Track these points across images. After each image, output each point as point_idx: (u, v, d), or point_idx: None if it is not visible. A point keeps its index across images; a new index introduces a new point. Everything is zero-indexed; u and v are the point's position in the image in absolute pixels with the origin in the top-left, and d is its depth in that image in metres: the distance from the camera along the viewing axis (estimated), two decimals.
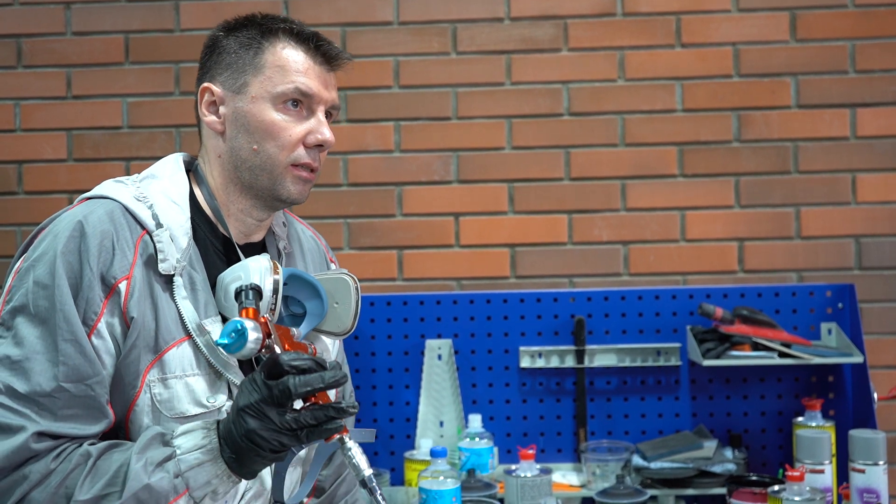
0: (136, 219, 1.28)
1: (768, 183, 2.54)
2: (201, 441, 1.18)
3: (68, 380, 1.18)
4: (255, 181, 1.36)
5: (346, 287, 1.39)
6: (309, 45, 1.37)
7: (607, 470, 2.27)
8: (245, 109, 1.35)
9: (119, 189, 1.31)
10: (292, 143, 1.35)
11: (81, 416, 1.20)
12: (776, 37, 2.54)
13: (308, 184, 1.38)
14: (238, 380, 1.29)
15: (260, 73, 1.35)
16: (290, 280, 1.35)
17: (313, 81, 1.36)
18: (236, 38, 1.38)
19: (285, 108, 1.35)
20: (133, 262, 1.25)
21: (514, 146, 2.58)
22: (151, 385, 1.24)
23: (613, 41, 2.56)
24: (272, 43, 1.36)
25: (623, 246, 2.56)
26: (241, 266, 1.30)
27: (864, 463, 2.02)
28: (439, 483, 1.98)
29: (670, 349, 2.44)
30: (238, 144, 1.36)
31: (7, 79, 2.61)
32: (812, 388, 2.43)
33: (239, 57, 1.37)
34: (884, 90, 2.53)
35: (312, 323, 1.36)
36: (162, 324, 1.25)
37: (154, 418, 1.24)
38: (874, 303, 2.52)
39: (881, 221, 2.52)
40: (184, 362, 1.26)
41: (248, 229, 1.41)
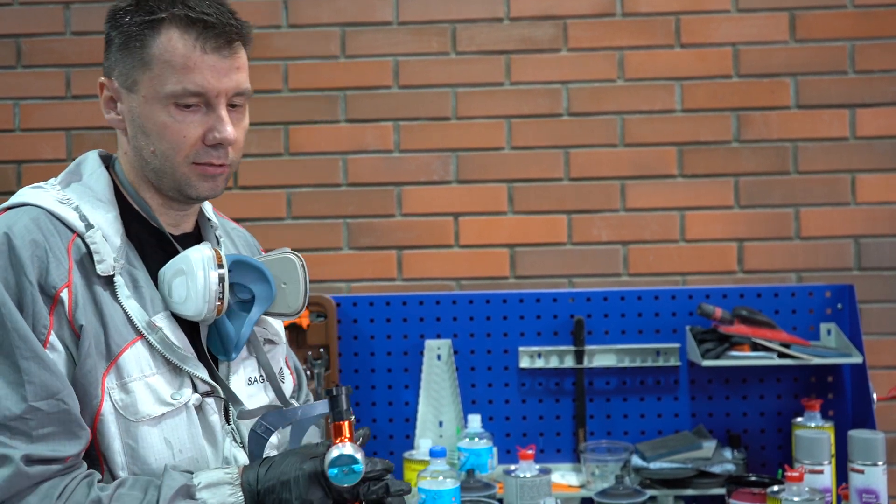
0: (64, 222, 1.22)
1: (768, 183, 2.54)
2: (228, 498, 1.16)
3: (38, 398, 1.13)
4: (160, 182, 1.29)
5: (291, 266, 1.34)
6: (200, 30, 1.23)
7: (606, 470, 2.27)
8: (138, 110, 1.26)
9: (40, 194, 1.25)
10: (189, 145, 1.25)
11: (59, 433, 1.14)
12: (775, 37, 2.54)
13: (218, 178, 1.29)
14: (198, 372, 1.25)
15: (148, 69, 1.24)
16: (234, 266, 1.31)
17: (205, 76, 1.23)
18: (123, 27, 1.26)
19: (178, 109, 1.24)
20: (70, 268, 1.19)
21: (513, 146, 2.57)
22: (111, 392, 1.19)
23: (613, 41, 2.56)
24: (158, 33, 1.23)
25: (622, 246, 2.56)
26: (183, 258, 1.25)
27: (863, 463, 2.01)
28: (438, 483, 1.98)
29: (669, 349, 2.44)
30: (139, 144, 1.28)
31: (6, 78, 2.60)
32: (811, 388, 2.43)
33: (127, 50, 1.25)
34: (883, 90, 2.52)
35: (262, 307, 1.33)
36: (111, 328, 1.20)
37: (120, 425, 1.19)
38: (873, 303, 2.52)
39: (881, 222, 2.52)
40: (141, 363, 1.21)
41: (175, 221, 1.35)
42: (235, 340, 1.30)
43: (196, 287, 1.23)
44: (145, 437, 1.20)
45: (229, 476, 1.18)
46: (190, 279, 1.23)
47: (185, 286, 1.23)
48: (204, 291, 1.23)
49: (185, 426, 1.24)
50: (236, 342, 1.30)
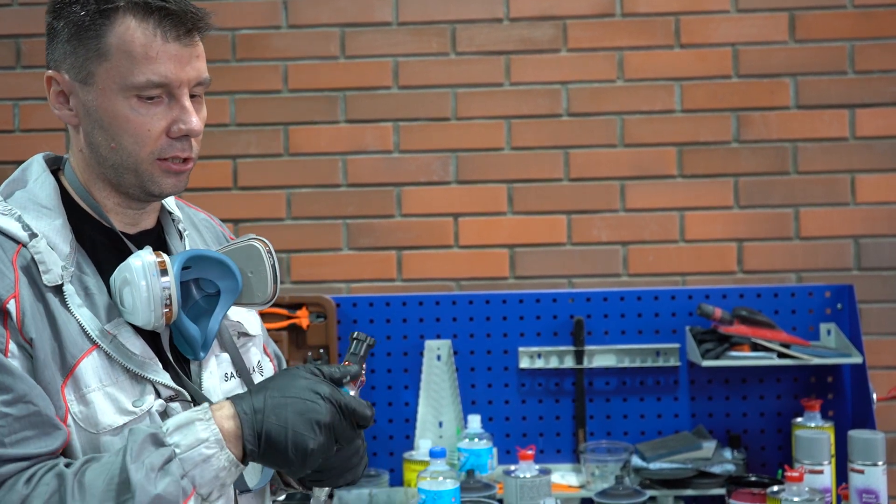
0: (6, 234, 1.17)
1: (767, 183, 2.54)
2: (202, 434, 1.10)
3: (7, 404, 1.09)
4: (120, 179, 1.23)
5: (256, 254, 1.27)
6: (160, 17, 1.17)
7: (606, 470, 2.27)
8: (95, 104, 1.19)
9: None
10: (153, 138, 1.19)
11: (32, 437, 1.10)
12: (775, 37, 2.54)
13: (182, 174, 1.24)
14: (160, 377, 1.20)
15: (105, 60, 1.17)
16: (193, 262, 1.24)
17: (168, 65, 1.17)
18: (72, 17, 1.18)
19: (140, 101, 1.18)
20: (16, 280, 1.13)
21: (513, 147, 2.57)
22: (70, 404, 1.14)
23: (612, 42, 2.56)
24: (113, 22, 1.17)
25: (622, 246, 2.56)
26: (125, 266, 1.18)
27: (863, 463, 2.02)
28: (438, 484, 1.98)
29: (669, 350, 2.44)
30: (95, 141, 1.21)
31: (6, 79, 2.60)
32: (811, 388, 2.43)
33: (79, 41, 1.18)
34: (883, 91, 2.52)
35: (229, 300, 1.26)
36: (65, 338, 1.15)
37: (83, 437, 1.15)
38: (873, 303, 2.52)
39: (880, 222, 2.52)
40: (99, 372, 1.16)
41: (133, 219, 1.29)
42: (202, 340, 1.25)
43: (140, 297, 1.16)
44: (108, 448, 1.15)
45: (199, 412, 1.12)
46: (134, 289, 1.17)
47: (131, 295, 1.17)
48: (148, 301, 1.16)
49: None
50: (203, 341, 1.25)
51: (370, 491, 2.16)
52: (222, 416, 1.12)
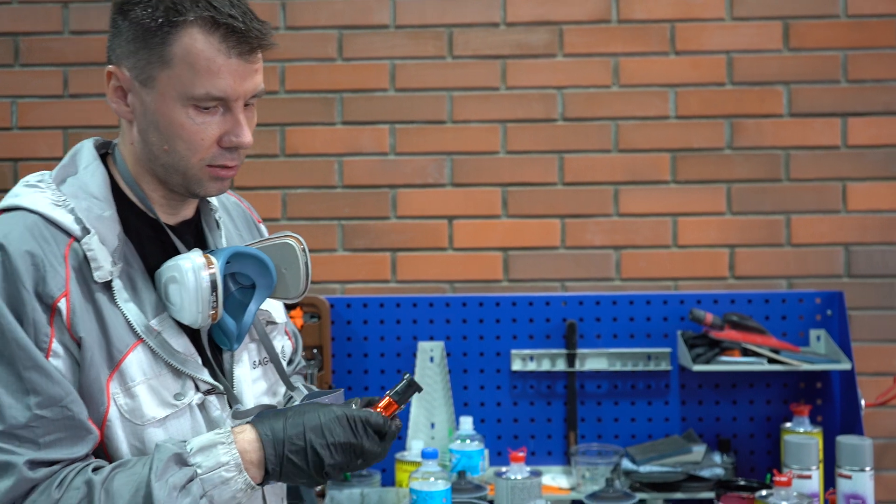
0: (60, 227, 1.18)
1: (760, 190, 2.54)
2: (223, 458, 1.14)
3: (42, 407, 1.11)
4: (168, 178, 1.25)
5: (291, 251, 1.32)
6: (225, 33, 1.18)
7: (597, 473, 2.27)
8: (153, 107, 1.20)
9: (36, 196, 1.20)
10: (205, 146, 1.22)
11: (65, 439, 1.13)
12: (769, 45, 2.53)
13: (227, 180, 1.27)
14: (199, 374, 1.24)
15: (167, 67, 1.18)
16: (233, 258, 1.29)
17: (228, 80, 1.19)
18: (138, 19, 1.19)
19: (197, 111, 1.20)
20: (67, 277, 1.15)
21: (508, 150, 2.56)
22: (116, 397, 1.17)
23: (608, 48, 2.55)
24: (180, 32, 1.17)
25: (615, 251, 2.55)
26: (174, 265, 1.21)
27: (850, 469, 2.02)
28: (430, 484, 1.97)
29: (661, 354, 2.43)
30: (149, 140, 1.22)
31: (4, 77, 2.58)
32: (800, 394, 2.43)
33: (145, 43, 1.19)
34: (875, 100, 2.52)
35: (263, 294, 1.31)
36: (112, 333, 1.18)
37: (127, 428, 1.18)
38: (863, 310, 2.51)
39: (871, 230, 2.52)
40: (143, 367, 1.19)
41: (175, 210, 1.31)
42: (237, 332, 1.29)
43: (189, 297, 1.20)
44: (152, 438, 1.19)
45: (221, 436, 1.16)
46: (183, 289, 1.20)
47: (179, 295, 1.20)
48: (196, 302, 1.20)
49: (189, 425, 1.23)
50: (238, 334, 1.29)
51: (362, 491, 2.16)
52: (244, 439, 1.17)
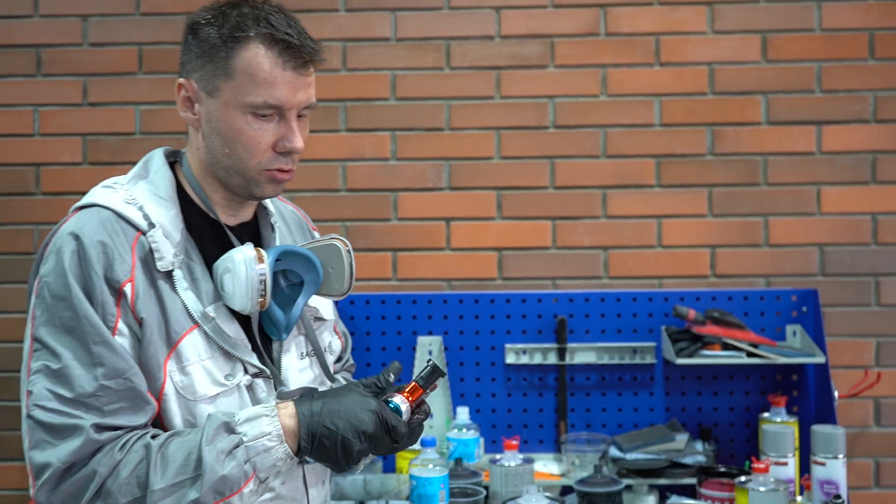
0: (129, 222, 1.27)
1: (739, 194, 2.55)
2: (266, 429, 1.21)
3: (107, 378, 1.19)
4: (228, 180, 1.33)
5: (337, 252, 1.38)
6: (282, 48, 1.28)
7: (586, 460, 2.27)
8: (217, 114, 1.30)
9: (109, 195, 1.30)
10: (262, 150, 1.30)
11: (127, 408, 1.21)
12: (748, 57, 2.55)
13: (282, 183, 1.34)
14: (248, 358, 1.31)
15: (231, 78, 1.28)
16: (283, 256, 1.35)
17: (283, 91, 1.28)
18: (212, 33, 1.29)
19: (255, 118, 1.29)
20: (132, 265, 1.24)
21: (502, 156, 2.58)
22: (172, 374, 1.25)
23: (597, 59, 2.56)
24: (243, 47, 1.27)
25: (603, 251, 2.57)
26: (229, 257, 1.29)
27: (824, 456, 2.03)
28: (429, 471, 1.99)
29: (646, 348, 2.44)
30: (213, 144, 1.32)
31: (27, 86, 2.60)
32: (777, 385, 2.44)
33: (211, 57, 1.29)
34: (847, 109, 2.53)
35: (310, 291, 1.37)
36: (171, 317, 1.26)
37: (180, 403, 1.26)
38: (836, 307, 2.53)
39: (843, 231, 2.53)
40: (197, 348, 1.27)
41: (234, 212, 1.39)
42: (285, 323, 1.35)
43: (240, 285, 1.27)
44: (203, 413, 1.26)
45: (267, 409, 1.23)
46: (235, 278, 1.27)
47: (232, 283, 1.28)
48: (246, 290, 1.27)
49: (237, 404, 1.30)
50: (286, 325, 1.35)
51: (364, 477, 2.16)
52: (285, 414, 1.23)
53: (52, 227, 1.32)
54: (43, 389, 1.19)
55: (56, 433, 1.18)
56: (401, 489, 2.17)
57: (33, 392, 1.20)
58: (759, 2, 2.55)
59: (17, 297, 2.60)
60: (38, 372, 1.20)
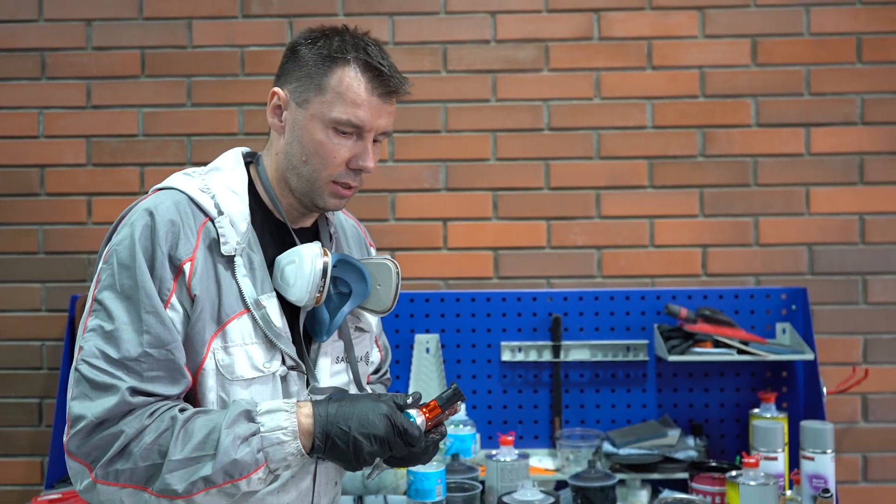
0: (200, 207, 1.33)
1: (730, 194, 2.55)
2: (283, 423, 1.24)
3: (152, 346, 1.24)
4: (298, 187, 1.39)
5: (387, 271, 1.44)
6: (373, 75, 1.35)
7: (580, 455, 2.28)
8: (302, 124, 1.37)
9: (186, 181, 1.36)
10: (336, 164, 1.37)
11: (164, 377, 1.25)
12: (738, 61, 2.55)
13: (345, 199, 1.40)
14: (288, 349, 1.34)
15: (322, 94, 1.35)
16: (339, 264, 1.41)
17: (366, 113, 1.35)
18: (312, 52, 1.37)
19: (336, 133, 1.36)
20: (196, 246, 1.30)
21: (498, 157, 2.58)
22: (215, 352, 1.30)
23: (590, 63, 2.57)
24: (340, 67, 1.35)
25: (597, 250, 2.57)
26: (296, 251, 1.35)
27: (813, 451, 2.04)
28: (425, 466, 1.97)
29: (639, 345, 2.44)
30: (292, 151, 1.38)
31: (31, 89, 2.60)
32: (767, 382, 2.44)
33: (309, 73, 1.36)
34: (836, 111, 2.54)
35: (356, 301, 1.42)
36: (224, 299, 1.30)
37: (218, 380, 1.30)
38: (824, 305, 2.53)
39: (832, 231, 2.54)
40: (243, 332, 1.31)
41: (299, 217, 1.44)
42: (328, 326, 1.39)
43: (303, 277, 1.33)
44: (236, 393, 1.30)
45: (287, 405, 1.26)
46: (299, 270, 1.33)
47: (294, 274, 1.33)
48: (308, 282, 1.33)
49: (269, 391, 1.34)
50: (329, 327, 1.39)
51: (363, 472, 2.13)
52: (303, 413, 1.27)
53: (56, 228, 1.33)
54: (93, 347, 1.24)
55: (96, 388, 1.23)
56: (398, 484, 2.17)
57: (84, 348, 1.25)
58: (750, 7, 2.56)
59: (22, 297, 2.60)
60: (92, 330, 1.26)
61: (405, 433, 1.27)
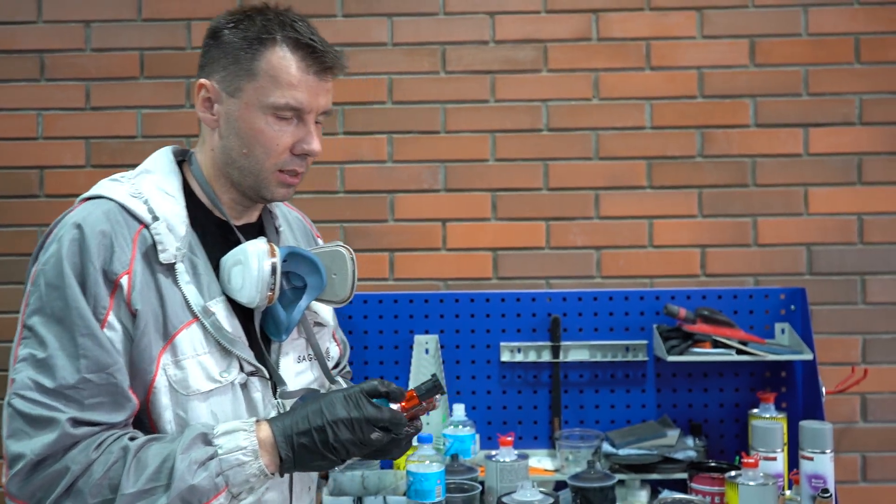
0: (133, 214, 1.24)
1: (728, 195, 2.55)
2: (242, 443, 1.17)
3: (90, 371, 1.16)
4: (241, 180, 1.31)
5: (342, 259, 1.36)
6: (306, 53, 1.27)
7: (579, 456, 2.27)
8: (237, 114, 1.28)
9: (115, 188, 1.27)
10: (280, 151, 1.28)
11: (107, 404, 1.17)
12: (737, 62, 2.55)
13: (292, 187, 1.33)
14: (245, 354, 1.27)
15: (254, 79, 1.27)
16: (289, 257, 1.32)
17: (304, 94, 1.27)
18: (236, 35, 1.28)
19: (275, 119, 1.27)
20: (132, 257, 1.21)
21: (497, 158, 2.58)
22: (166, 367, 1.21)
23: (589, 63, 2.56)
24: (269, 49, 1.26)
25: (596, 251, 2.57)
26: (240, 250, 1.26)
27: (812, 451, 2.03)
28: (425, 467, 1.98)
29: (638, 346, 2.44)
30: (229, 144, 1.29)
31: (31, 91, 2.59)
32: (766, 382, 2.44)
33: (236, 59, 1.27)
34: (834, 111, 2.54)
35: (313, 295, 1.34)
36: (169, 310, 1.22)
37: (172, 397, 1.22)
38: (823, 305, 2.53)
39: (830, 231, 2.54)
40: (194, 343, 1.23)
41: (241, 213, 1.37)
42: (286, 324, 1.31)
43: (251, 277, 1.24)
44: (195, 409, 1.22)
45: (246, 424, 1.19)
46: (246, 270, 1.24)
47: (242, 276, 1.25)
48: (257, 282, 1.24)
49: (230, 401, 1.26)
50: (287, 325, 1.31)
51: (362, 473, 2.15)
52: (262, 429, 1.20)
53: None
54: (25, 378, 1.16)
55: (33, 424, 1.14)
56: (398, 485, 2.16)
57: (16, 380, 1.16)
58: (748, 7, 2.56)
59: (19, 298, 2.58)
60: (23, 360, 1.17)
61: (362, 394, 1.20)
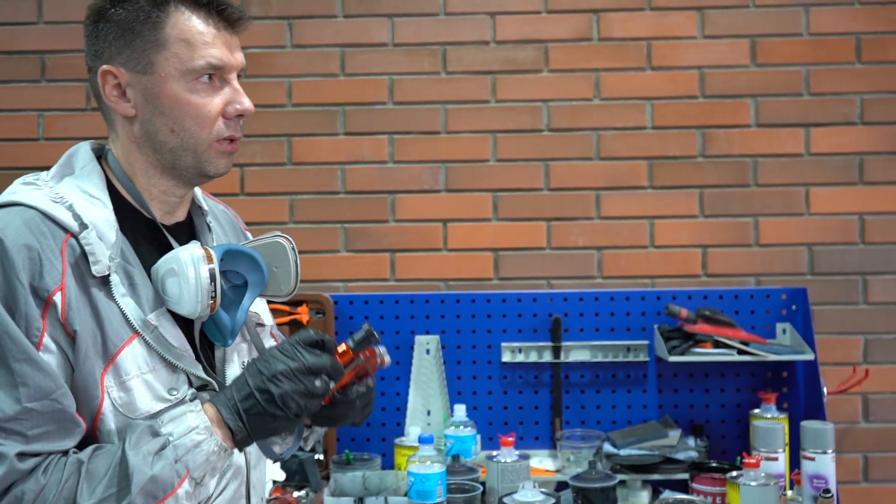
0: (57, 223, 1.11)
1: (729, 195, 2.55)
2: (192, 423, 1.08)
3: (31, 399, 1.05)
4: (177, 161, 1.19)
5: (282, 250, 1.25)
6: (209, 10, 1.18)
7: (580, 456, 2.27)
8: (156, 91, 1.16)
9: (33, 193, 1.13)
10: (212, 119, 1.18)
11: (54, 432, 1.06)
12: (738, 62, 2.55)
13: (232, 155, 1.22)
14: (194, 369, 1.17)
15: (164, 49, 1.15)
16: (226, 255, 1.21)
17: (222, 51, 1.18)
18: (127, 10, 1.16)
19: (198, 84, 1.17)
20: (63, 272, 1.08)
21: (498, 158, 2.58)
22: (110, 390, 1.10)
23: (590, 64, 2.56)
24: (169, 14, 1.16)
25: (597, 251, 2.56)
26: (173, 258, 1.14)
27: (814, 451, 2.03)
28: (426, 467, 1.99)
29: (639, 346, 2.44)
30: (154, 127, 1.17)
31: (31, 92, 2.59)
32: (767, 382, 2.44)
33: (137, 33, 1.15)
34: (835, 111, 2.54)
35: (255, 292, 1.23)
36: (107, 327, 1.10)
37: (119, 421, 1.11)
38: (825, 305, 2.53)
39: (832, 231, 2.54)
40: (138, 360, 1.12)
41: (171, 209, 1.25)
42: (230, 328, 1.21)
43: (188, 288, 1.13)
44: None
45: (190, 405, 1.11)
46: (182, 280, 1.13)
47: (178, 286, 1.14)
48: (196, 292, 1.14)
49: None
50: (231, 329, 1.21)
51: (363, 474, 2.16)
52: (206, 408, 1.11)
53: None
54: None
55: None
56: (399, 485, 2.16)
57: None
58: (749, 7, 2.55)
59: None
60: None
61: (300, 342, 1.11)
